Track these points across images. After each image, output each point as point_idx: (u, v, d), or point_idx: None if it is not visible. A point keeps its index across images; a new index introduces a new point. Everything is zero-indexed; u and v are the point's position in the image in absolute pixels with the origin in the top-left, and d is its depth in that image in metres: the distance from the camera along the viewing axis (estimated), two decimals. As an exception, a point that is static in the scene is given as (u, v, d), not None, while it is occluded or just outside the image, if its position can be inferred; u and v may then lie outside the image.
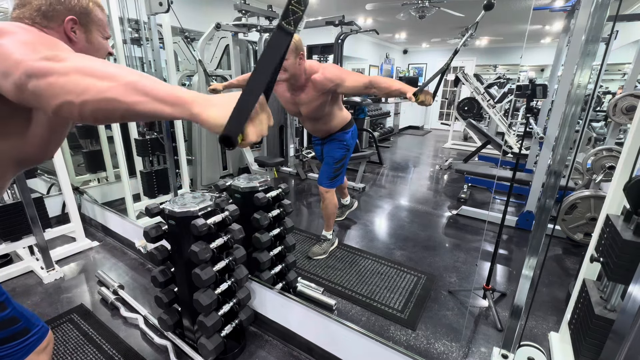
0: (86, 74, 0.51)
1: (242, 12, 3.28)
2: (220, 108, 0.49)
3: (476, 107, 6.41)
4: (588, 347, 1.10)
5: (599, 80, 4.19)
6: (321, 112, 2.05)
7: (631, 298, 0.79)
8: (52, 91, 0.51)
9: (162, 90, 0.51)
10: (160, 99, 0.50)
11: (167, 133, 2.46)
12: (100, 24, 0.84)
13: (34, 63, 0.53)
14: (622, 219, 1.03)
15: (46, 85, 0.52)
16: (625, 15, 4.20)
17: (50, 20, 0.76)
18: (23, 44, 0.58)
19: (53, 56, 0.54)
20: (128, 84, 0.51)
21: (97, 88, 0.50)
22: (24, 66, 0.53)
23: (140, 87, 0.51)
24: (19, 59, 0.54)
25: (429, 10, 4.49)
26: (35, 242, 2.10)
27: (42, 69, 0.52)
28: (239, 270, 1.48)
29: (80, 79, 0.51)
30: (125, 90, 0.50)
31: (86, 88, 0.50)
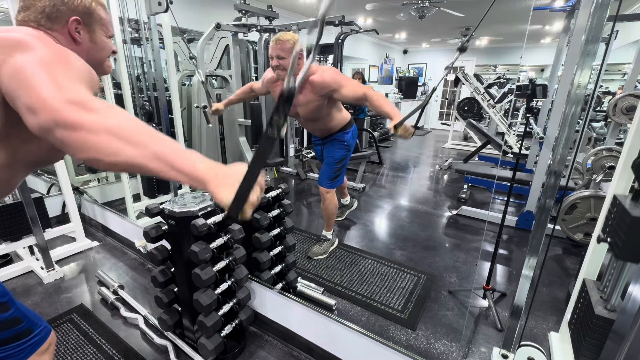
0: (116, 136, 0.55)
1: (242, 12, 3.28)
2: (229, 191, 0.58)
3: (476, 107, 6.41)
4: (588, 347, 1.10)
5: (599, 80, 4.19)
6: (319, 114, 2.04)
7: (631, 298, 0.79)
8: (80, 147, 0.54)
9: (183, 163, 0.57)
10: (181, 171, 0.57)
11: (167, 133, 2.46)
12: (103, 23, 0.84)
13: (62, 111, 0.54)
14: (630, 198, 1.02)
15: (75, 140, 0.54)
16: (625, 15, 4.20)
17: (55, 22, 0.76)
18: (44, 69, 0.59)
19: (80, 100, 0.56)
20: (155, 153, 0.55)
21: (126, 154, 0.55)
22: (51, 112, 0.54)
23: (165, 158, 0.56)
24: (45, 97, 0.55)
25: (429, 10, 4.49)
26: (35, 242, 2.10)
27: (71, 121, 0.54)
28: (239, 270, 1.48)
29: (110, 141, 0.54)
30: (151, 159, 0.55)
31: (116, 151, 0.54)
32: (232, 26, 3.37)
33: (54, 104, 0.55)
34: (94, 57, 0.84)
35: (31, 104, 0.56)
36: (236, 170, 0.59)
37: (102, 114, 0.56)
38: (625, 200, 1.01)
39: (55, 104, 0.55)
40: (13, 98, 0.60)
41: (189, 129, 3.69)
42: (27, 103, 0.56)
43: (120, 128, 0.55)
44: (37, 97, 0.56)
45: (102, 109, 0.58)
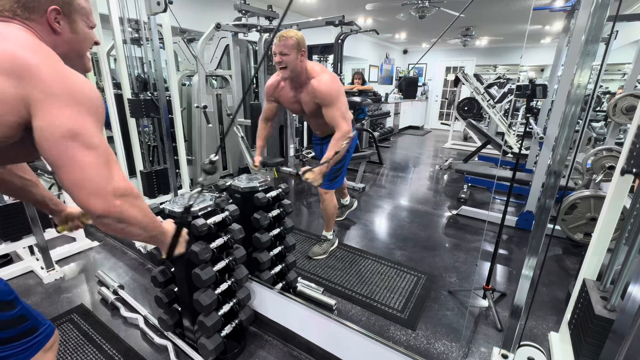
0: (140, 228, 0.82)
1: (242, 12, 3.28)
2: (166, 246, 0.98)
3: (476, 107, 6.41)
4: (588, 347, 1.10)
5: (599, 80, 4.19)
6: (320, 112, 2.05)
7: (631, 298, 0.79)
8: (119, 232, 0.77)
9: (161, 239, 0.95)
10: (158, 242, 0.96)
11: (167, 133, 2.46)
12: (83, 12, 0.80)
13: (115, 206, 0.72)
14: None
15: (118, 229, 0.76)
16: (625, 15, 4.20)
17: (32, 12, 0.73)
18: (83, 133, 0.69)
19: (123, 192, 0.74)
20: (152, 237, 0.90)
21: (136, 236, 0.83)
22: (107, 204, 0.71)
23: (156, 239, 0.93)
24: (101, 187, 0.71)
25: (429, 10, 4.49)
26: (35, 242, 2.10)
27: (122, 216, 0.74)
28: (239, 270, 1.48)
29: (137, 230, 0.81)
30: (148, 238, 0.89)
31: (135, 235, 0.83)
32: (232, 26, 3.37)
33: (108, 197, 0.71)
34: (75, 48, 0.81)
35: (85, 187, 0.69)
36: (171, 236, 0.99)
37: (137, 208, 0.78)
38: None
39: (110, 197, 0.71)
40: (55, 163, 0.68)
41: (189, 129, 3.69)
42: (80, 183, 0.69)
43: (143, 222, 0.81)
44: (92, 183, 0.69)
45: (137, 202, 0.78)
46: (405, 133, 8.66)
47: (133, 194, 0.76)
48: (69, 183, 0.69)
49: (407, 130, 8.99)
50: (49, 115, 0.66)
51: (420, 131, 9.15)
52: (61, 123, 0.66)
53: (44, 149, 0.67)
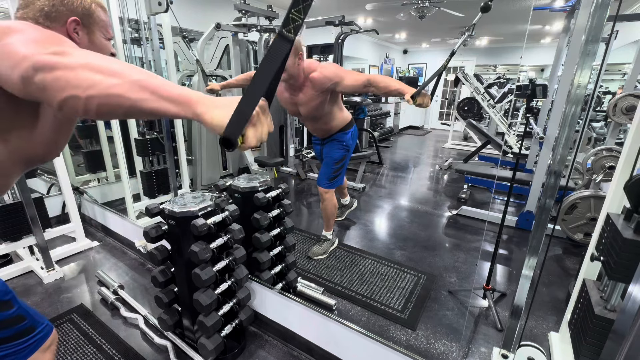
0: (93, 70, 0.53)
1: (242, 12, 3.28)
2: (224, 110, 0.51)
3: (476, 107, 6.41)
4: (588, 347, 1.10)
5: (599, 80, 4.19)
6: (321, 112, 2.05)
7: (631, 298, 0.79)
8: (58, 85, 0.52)
9: (168, 89, 0.52)
10: (165, 97, 0.52)
11: (167, 133, 2.46)
12: (102, 25, 0.84)
13: (41, 57, 0.54)
14: (623, 218, 1.03)
15: (52, 79, 0.53)
16: (625, 15, 4.20)
17: (53, 21, 0.76)
18: (31, 41, 0.59)
19: (61, 51, 0.55)
20: (135, 81, 0.52)
21: (103, 84, 0.52)
22: (31, 59, 0.54)
23: (147, 85, 0.52)
24: (27, 53, 0.55)
25: (429, 10, 4.49)
26: (35, 242, 2.10)
27: (49, 62, 0.53)
28: (239, 270, 1.48)
29: (87, 74, 0.52)
30: (131, 87, 0.52)
31: (93, 84, 0.52)
32: (232, 26, 3.37)
33: (35, 56, 0.54)
34: None
35: (14, 62, 0.55)
36: (230, 99, 0.53)
37: (81, 54, 0.56)
38: (617, 220, 1.02)
39: (36, 56, 0.54)
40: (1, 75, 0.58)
41: (189, 129, 3.69)
42: (10, 64, 0.56)
43: (99, 63, 0.54)
44: (21, 55, 0.55)
45: (84, 51, 0.57)
46: (405, 133, 8.66)
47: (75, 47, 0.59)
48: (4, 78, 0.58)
49: (407, 130, 8.99)
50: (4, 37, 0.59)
51: (420, 131, 9.15)
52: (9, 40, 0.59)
53: None
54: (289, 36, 0.47)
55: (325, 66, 1.93)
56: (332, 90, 1.94)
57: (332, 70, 1.89)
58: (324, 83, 1.89)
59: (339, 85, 1.89)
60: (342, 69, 1.97)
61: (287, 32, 0.47)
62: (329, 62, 1.97)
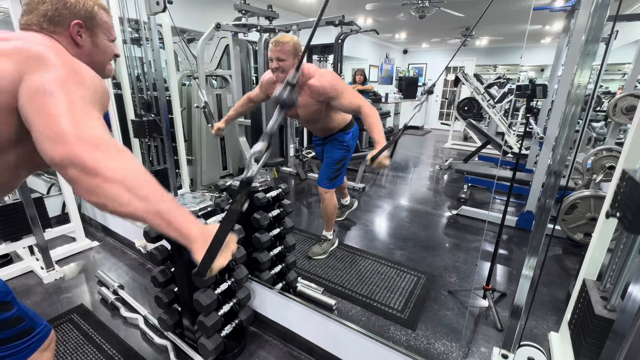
0: (127, 189, 0.59)
1: (242, 12, 3.28)
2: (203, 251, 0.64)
3: (476, 107, 6.41)
4: (588, 347, 1.10)
5: (599, 80, 4.19)
6: (319, 116, 2.05)
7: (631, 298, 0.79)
8: (92, 191, 0.58)
9: (180, 221, 0.63)
10: (175, 228, 0.62)
11: (167, 133, 2.46)
12: (105, 27, 0.85)
13: (80, 152, 0.57)
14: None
15: (89, 185, 0.58)
16: (625, 15, 4.20)
17: (57, 26, 0.77)
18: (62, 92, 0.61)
19: (96, 141, 0.60)
20: (158, 210, 0.61)
21: (132, 206, 0.59)
22: (68, 149, 0.57)
23: (166, 216, 0.62)
24: (63, 130, 0.58)
25: (429, 10, 4.49)
26: (35, 242, 2.10)
27: (87, 163, 0.57)
28: (239, 270, 1.48)
29: (121, 192, 0.58)
30: (153, 215, 0.61)
31: (123, 203, 0.59)
32: (232, 26, 3.37)
33: (71, 140, 0.57)
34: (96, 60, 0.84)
35: (48, 135, 0.58)
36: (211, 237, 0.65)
37: (117, 161, 0.60)
38: (635, 173, 1.01)
39: (72, 140, 0.57)
40: (29, 120, 0.61)
41: (189, 129, 3.69)
42: (44, 132, 0.59)
43: (131, 180, 0.60)
44: (55, 128, 0.58)
45: (117, 155, 0.62)
46: (405, 133, 8.64)
47: (109, 144, 0.61)
48: (36, 136, 0.60)
49: (407, 130, 8.98)
50: (34, 76, 0.62)
51: (420, 131, 9.15)
52: (42, 80, 0.62)
53: (21, 110, 0.62)
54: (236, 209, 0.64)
55: (324, 74, 1.89)
56: (327, 102, 1.93)
57: (329, 82, 1.87)
58: (320, 93, 1.88)
59: (334, 100, 1.89)
60: (340, 81, 1.94)
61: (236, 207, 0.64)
62: (327, 70, 1.95)
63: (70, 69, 0.67)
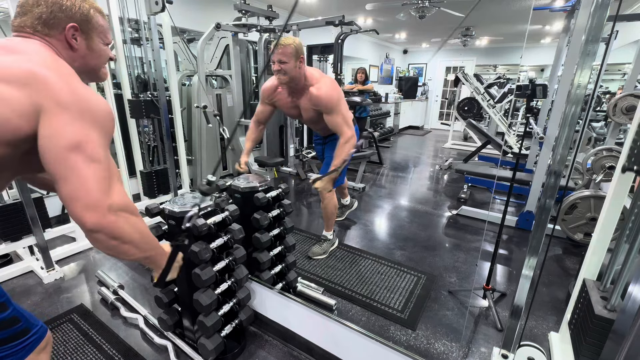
0: (135, 247, 0.79)
1: (242, 12, 3.28)
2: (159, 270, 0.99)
3: (476, 107, 6.41)
4: (588, 347, 1.10)
5: (599, 80, 4.19)
6: (319, 118, 2.07)
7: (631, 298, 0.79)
8: (112, 249, 0.75)
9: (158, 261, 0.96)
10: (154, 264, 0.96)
11: (167, 133, 2.46)
12: (101, 30, 0.84)
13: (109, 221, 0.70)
14: None
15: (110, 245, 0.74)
16: (625, 15, 4.20)
17: (52, 28, 0.76)
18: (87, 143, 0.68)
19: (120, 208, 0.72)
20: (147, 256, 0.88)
21: (133, 256, 0.81)
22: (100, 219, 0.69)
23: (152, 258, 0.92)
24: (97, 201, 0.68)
25: (429, 10, 4.49)
26: (35, 242, 2.10)
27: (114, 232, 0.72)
28: (239, 270, 1.48)
29: (131, 249, 0.78)
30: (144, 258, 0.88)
31: (130, 254, 0.80)
32: (232, 26, 3.37)
33: (103, 210, 0.69)
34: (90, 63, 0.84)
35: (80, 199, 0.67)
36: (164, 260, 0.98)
37: (132, 226, 0.76)
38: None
39: (105, 211, 0.69)
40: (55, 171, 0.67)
41: (189, 129, 3.69)
42: (76, 194, 0.67)
43: (138, 241, 0.79)
44: (87, 194, 0.67)
45: (134, 221, 0.77)
46: (405, 133, 8.66)
47: (130, 210, 0.75)
48: (66, 194, 0.67)
49: (407, 130, 8.99)
50: (55, 124, 0.66)
51: (420, 131, 9.15)
52: (66, 133, 0.66)
53: (46, 160, 0.67)
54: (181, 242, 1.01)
55: (323, 86, 1.94)
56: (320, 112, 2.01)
57: (326, 95, 1.92)
58: (316, 104, 1.96)
59: (325, 115, 1.97)
60: (337, 95, 1.97)
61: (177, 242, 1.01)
62: (328, 80, 1.97)
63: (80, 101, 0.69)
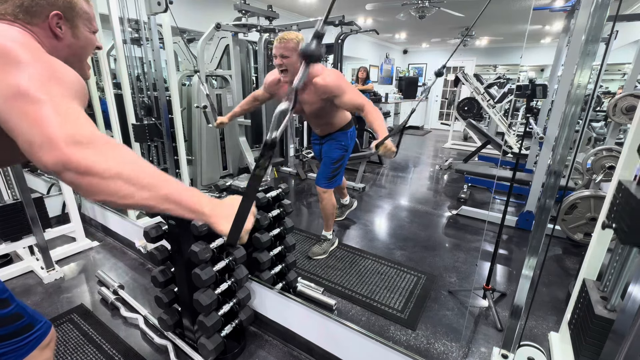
0: (127, 181, 0.57)
1: (242, 12, 3.28)
2: (227, 223, 0.66)
3: (476, 107, 6.41)
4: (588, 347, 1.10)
5: (599, 80, 4.19)
6: (324, 112, 2.07)
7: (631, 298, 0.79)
8: (92, 191, 0.56)
9: (188, 200, 0.63)
10: (185, 207, 0.63)
11: (167, 133, 2.46)
12: (86, 17, 0.80)
13: (70, 155, 0.54)
14: (636, 183, 1.01)
15: (86, 185, 0.55)
16: (625, 15, 4.20)
17: (34, 16, 0.72)
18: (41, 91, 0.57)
19: (86, 139, 0.56)
20: (163, 196, 0.60)
21: (136, 197, 0.58)
22: (60, 155, 0.54)
23: (173, 198, 0.61)
24: (50, 134, 0.54)
25: (429, 10, 4.49)
26: (35, 242, 2.10)
27: (80, 165, 0.54)
28: (239, 270, 1.48)
29: (121, 186, 0.57)
30: (160, 201, 0.60)
31: (126, 195, 0.57)
32: (232, 26, 3.37)
33: (60, 144, 0.54)
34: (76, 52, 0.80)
35: (37, 142, 0.55)
36: (231, 205, 0.68)
37: (110, 156, 0.58)
38: (630, 185, 1.00)
39: (62, 144, 0.54)
40: (11, 126, 0.57)
41: (189, 129, 3.69)
42: (32, 140, 0.55)
43: (129, 173, 0.58)
44: (43, 134, 0.55)
45: (110, 150, 0.59)
46: (405, 133, 8.63)
47: (100, 140, 0.58)
48: (22, 144, 0.56)
49: (407, 130, 8.97)
50: (5, 79, 0.58)
51: (420, 131, 9.15)
52: (16, 81, 0.57)
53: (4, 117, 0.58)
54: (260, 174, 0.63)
55: (329, 74, 1.91)
56: (331, 100, 1.95)
57: (334, 82, 1.89)
58: (324, 92, 1.91)
59: (337, 99, 1.91)
60: (344, 80, 1.96)
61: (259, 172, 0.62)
62: (332, 70, 1.97)
63: (44, 65, 0.62)
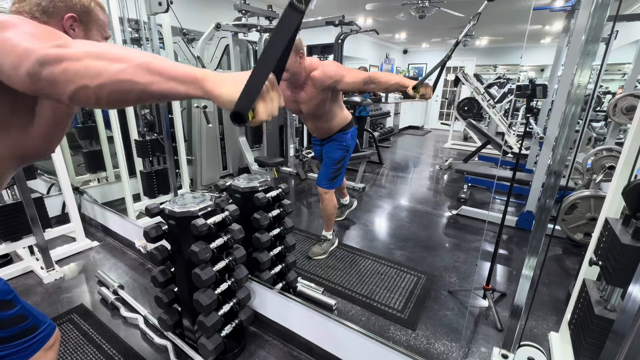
0: (99, 58, 0.52)
1: (242, 12, 3.28)
2: (232, 84, 0.51)
3: (476, 107, 6.41)
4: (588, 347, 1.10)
5: (599, 80, 4.19)
6: (322, 110, 2.05)
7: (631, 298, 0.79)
8: (66, 76, 0.52)
9: (174, 69, 0.53)
10: (172, 78, 0.52)
11: (167, 133, 2.46)
12: (100, 24, 0.84)
13: (45, 50, 0.53)
14: (621, 223, 1.02)
15: (60, 71, 0.52)
16: (625, 15, 4.19)
17: (50, 17, 0.75)
18: (30, 35, 0.58)
19: (63, 43, 0.55)
20: (140, 65, 0.52)
21: (110, 71, 0.52)
22: (36, 54, 0.53)
23: (154, 68, 0.52)
24: (29, 47, 0.54)
25: (429, 10, 4.49)
26: (35, 242, 2.10)
27: (55, 55, 0.52)
28: (239, 270, 1.48)
29: (93, 62, 0.52)
30: (137, 71, 0.52)
31: (100, 71, 0.51)
32: (232, 26, 3.37)
33: (38, 50, 0.53)
34: None
35: (16, 59, 0.54)
36: (242, 74, 0.53)
37: (84, 44, 0.55)
38: (616, 225, 1.01)
39: (40, 50, 0.53)
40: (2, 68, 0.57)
41: (189, 129, 3.69)
42: (12, 62, 0.55)
43: (103, 50, 0.53)
44: (22, 50, 0.54)
45: (86, 41, 0.57)
46: (405, 133, 8.66)
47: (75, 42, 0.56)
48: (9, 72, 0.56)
49: (407, 130, 8.99)
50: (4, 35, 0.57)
51: (420, 131, 9.15)
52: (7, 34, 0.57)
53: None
54: (300, 7, 0.43)
55: (327, 64, 1.93)
56: (333, 88, 1.94)
57: (333, 69, 1.90)
58: (324, 81, 1.90)
59: (340, 83, 1.90)
60: (343, 67, 1.97)
61: (299, 2, 0.44)
62: (329, 61, 1.98)
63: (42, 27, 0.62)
